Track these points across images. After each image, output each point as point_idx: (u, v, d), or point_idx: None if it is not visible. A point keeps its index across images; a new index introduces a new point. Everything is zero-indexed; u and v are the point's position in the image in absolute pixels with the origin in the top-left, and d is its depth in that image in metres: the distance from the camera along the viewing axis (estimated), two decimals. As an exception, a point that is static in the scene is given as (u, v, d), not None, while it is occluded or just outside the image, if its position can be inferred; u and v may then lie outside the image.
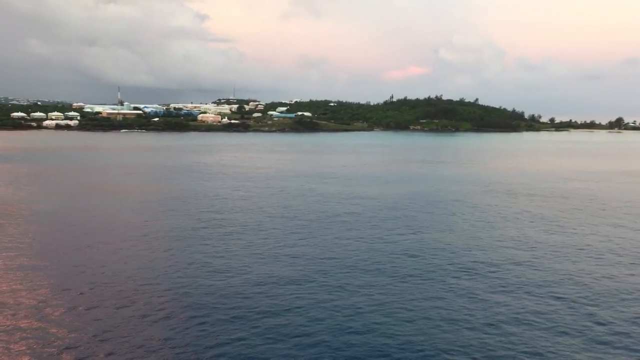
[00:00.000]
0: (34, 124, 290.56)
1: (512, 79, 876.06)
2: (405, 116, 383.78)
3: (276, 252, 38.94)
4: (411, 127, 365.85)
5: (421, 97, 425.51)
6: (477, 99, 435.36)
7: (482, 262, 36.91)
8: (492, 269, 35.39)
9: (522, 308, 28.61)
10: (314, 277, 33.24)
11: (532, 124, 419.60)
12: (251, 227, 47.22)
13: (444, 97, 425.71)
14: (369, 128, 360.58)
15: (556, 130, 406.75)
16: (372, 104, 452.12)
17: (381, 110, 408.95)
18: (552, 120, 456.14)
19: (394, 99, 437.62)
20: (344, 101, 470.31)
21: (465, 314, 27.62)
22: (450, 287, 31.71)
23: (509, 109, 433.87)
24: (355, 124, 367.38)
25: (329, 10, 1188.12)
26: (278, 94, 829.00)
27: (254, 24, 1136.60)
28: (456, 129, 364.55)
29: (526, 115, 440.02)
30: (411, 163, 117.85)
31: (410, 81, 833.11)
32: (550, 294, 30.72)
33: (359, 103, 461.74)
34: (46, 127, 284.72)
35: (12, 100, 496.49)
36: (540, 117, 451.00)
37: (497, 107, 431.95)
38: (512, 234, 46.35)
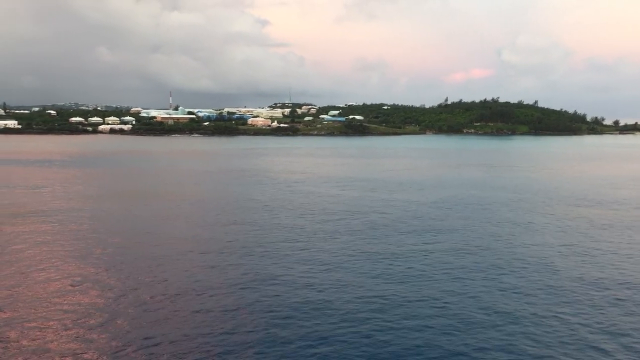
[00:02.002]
0: (89, 128, 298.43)
1: (580, 80, 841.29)
2: (459, 119, 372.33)
3: (335, 258, 37.27)
4: (464, 131, 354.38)
5: (481, 100, 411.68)
6: (536, 101, 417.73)
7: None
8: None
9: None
10: (376, 283, 31.92)
11: (595, 127, 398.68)
12: (292, 230, 45.98)
13: (504, 100, 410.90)
14: (421, 131, 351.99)
15: (620, 134, 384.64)
16: (426, 107, 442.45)
17: (434, 114, 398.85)
18: (616, 123, 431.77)
19: (449, 102, 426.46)
20: (399, 104, 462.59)
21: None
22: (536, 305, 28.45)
23: (570, 111, 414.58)
24: (406, 127, 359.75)
25: (383, 13, 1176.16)
26: (336, 98, 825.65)
27: (310, 29, 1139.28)
28: (512, 132, 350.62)
29: (588, 118, 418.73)
30: (463, 167, 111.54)
31: (472, 84, 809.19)
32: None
33: (412, 106, 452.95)
34: (101, 132, 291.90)
35: (82, 105, 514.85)
36: (603, 119, 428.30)
37: (558, 109, 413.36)
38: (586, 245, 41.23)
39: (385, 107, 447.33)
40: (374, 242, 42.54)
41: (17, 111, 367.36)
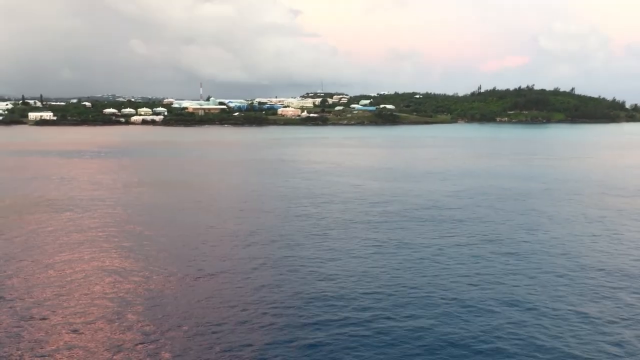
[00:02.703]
0: (122, 119, 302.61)
1: (618, 67, 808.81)
2: (492, 107, 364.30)
3: (375, 251, 36.62)
4: (498, 119, 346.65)
5: (515, 88, 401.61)
6: (573, 89, 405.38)
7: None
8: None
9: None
10: (418, 275, 31.57)
11: (634, 114, 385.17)
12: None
13: (539, 87, 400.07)
14: (452, 120, 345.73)
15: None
16: (459, 95, 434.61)
17: (466, 102, 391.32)
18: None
19: (482, 90, 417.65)
20: (432, 93, 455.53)
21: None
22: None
23: (609, 98, 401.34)
24: (438, 116, 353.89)
25: (414, 1, 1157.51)
26: (368, 88, 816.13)
27: (341, 18, 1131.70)
28: (547, 120, 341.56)
29: (627, 105, 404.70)
30: (493, 157, 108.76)
31: (508, 72, 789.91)
32: None
33: (444, 95, 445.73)
34: (133, 123, 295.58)
35: (118, 97, 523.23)
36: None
37: (596, 96, 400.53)
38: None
39: (417, 96, 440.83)
40: (408, 233, 41.73)
41: (53, 103, 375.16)
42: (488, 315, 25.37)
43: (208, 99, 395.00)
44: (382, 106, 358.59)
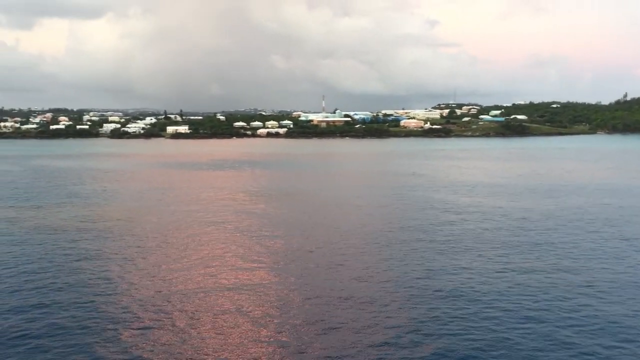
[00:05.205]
0: (249, 132, 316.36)
1: None
2: (638, 117, 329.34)
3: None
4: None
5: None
6: None
7: None
8: None
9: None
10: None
11: None
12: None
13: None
14: (591, 131, 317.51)
15: None
16: (603, 104, 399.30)
17: (608, 111, 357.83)
18: None
19: (628, 98, 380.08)
20: (573, 102, 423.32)
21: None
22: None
23: None
24: (574, 127, 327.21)
25: (551, 5, 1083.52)
26: (507, 97, 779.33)
27: (479, 26, 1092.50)
28: None
29: None
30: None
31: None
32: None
33: (584, 103, 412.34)
34: (259, 135, 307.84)
35: (260, 111, 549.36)
36: None
37: None
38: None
39: (555, 106, 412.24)
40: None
41: (192, 117, 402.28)
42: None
43: (334, 112, 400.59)
44: (512, 117, 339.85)
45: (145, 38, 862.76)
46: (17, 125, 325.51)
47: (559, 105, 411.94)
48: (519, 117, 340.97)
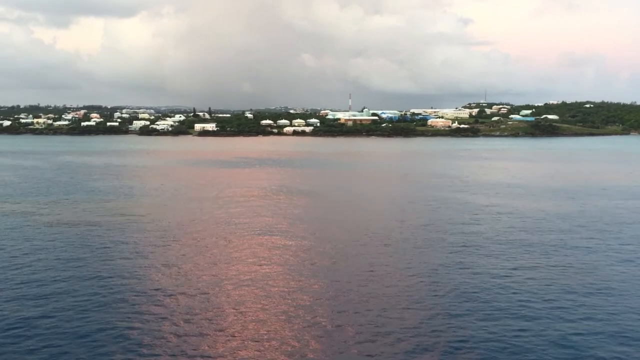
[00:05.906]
0: (275, 130, 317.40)
1: None
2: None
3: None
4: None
5: None
6: None
7: None
8: None
9: None
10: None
11: None
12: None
13: None
14: (624, 132, 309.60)
15: None
16: (638, 104, 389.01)
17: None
18: None
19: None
20: (607, 102, 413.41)
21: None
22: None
23: None
24: (607, 127, 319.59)
25: (585, 2, 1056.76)
26: (541, 96, 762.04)
27: (513, 24, 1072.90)
28: None
29: None
30: None
31: None
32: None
33: (619, 103, 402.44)
34: (285, 134, 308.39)
35: (291, 109, 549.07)
36: None
37: None
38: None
39: (588, 106, 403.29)
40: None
41: (220, 115, 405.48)
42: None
43: (362, 110, 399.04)
44: (543, 117, 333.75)
45: (177, 37, 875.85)
46: (50, 121, 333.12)
47: (592, 105, 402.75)
48: (550, 117, 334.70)
